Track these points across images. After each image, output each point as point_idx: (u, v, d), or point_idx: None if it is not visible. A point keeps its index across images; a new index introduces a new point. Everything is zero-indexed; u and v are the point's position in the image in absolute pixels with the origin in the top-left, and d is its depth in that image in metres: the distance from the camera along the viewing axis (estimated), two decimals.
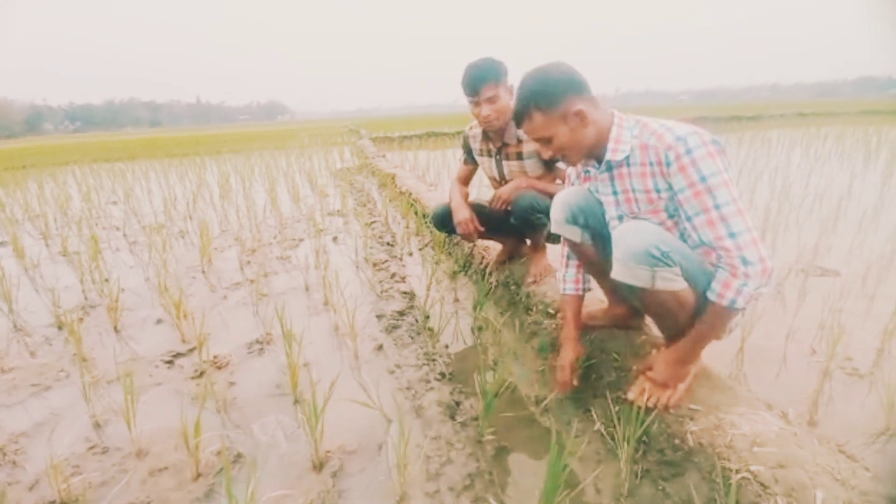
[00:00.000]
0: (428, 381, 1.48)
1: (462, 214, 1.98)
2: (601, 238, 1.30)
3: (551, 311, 1.72)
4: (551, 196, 1.83)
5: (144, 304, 2.30)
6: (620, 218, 1.21)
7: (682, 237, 1.14)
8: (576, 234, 1.30)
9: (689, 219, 1.05)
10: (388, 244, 3.07)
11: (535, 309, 1.79)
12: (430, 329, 1.87)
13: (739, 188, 4.18)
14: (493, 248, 2.39)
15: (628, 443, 1.10)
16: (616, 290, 1.40)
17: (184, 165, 8.88)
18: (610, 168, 1.18)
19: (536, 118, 1.12)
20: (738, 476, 0.94)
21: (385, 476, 1.13)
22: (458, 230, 1.99)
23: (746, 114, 17.20)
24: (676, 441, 1.08)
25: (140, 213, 4.55)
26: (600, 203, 1.28)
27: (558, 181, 1.90)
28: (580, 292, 1.43)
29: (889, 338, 1.72)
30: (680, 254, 1.03)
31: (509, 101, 1.80)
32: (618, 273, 1.05)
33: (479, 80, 1.73)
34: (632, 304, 1.42)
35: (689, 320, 1.09)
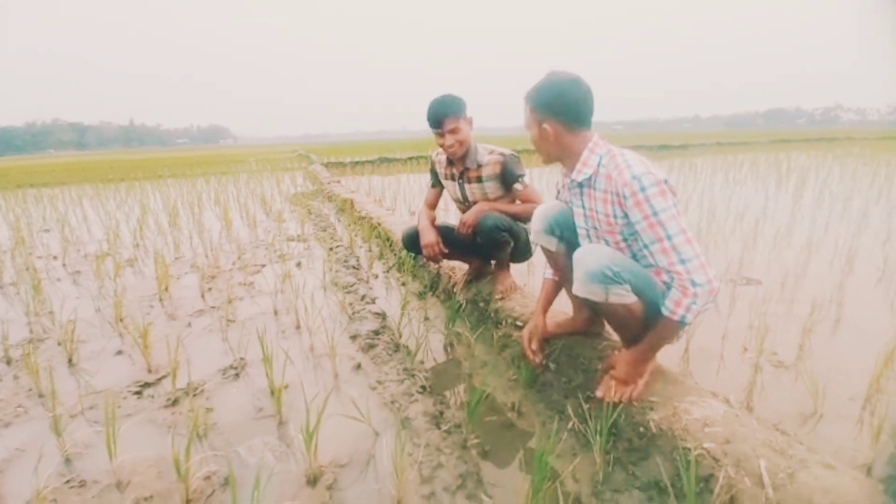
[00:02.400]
0: (411, 395, 1.54)
1: (428, 237, 2.11)
2: (573, 249, 1.46)
3: (519, 324, 1.85)
4: (512, 216, 2.00)
5: (99, 336, 2.20)
6: (587, 231, 1.38)
7: (634, 257, 1.31)
8: (552, 243, 1.47)
9: (645, 246, 1.20)
10: (353, 267, 3.11)
11: (504, 323, 1.91)
12: (406, 347, 1.94)
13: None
14: (460, 268, 2.51)
15: (601, 435, 1.23)
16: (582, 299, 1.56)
17: (121, 191, 8.41)
18: (580, 186, 1.33)
19: (526, 109, 1.31)
20: (695, 453, 1.09)
21: (379, 484, 1.18)
22: (424, 252, 2.12)
23: (674, 143, 18.79)
24: (641, 429, 1.22)
25: (79, 242, 4.29)
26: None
27: (518, 201, 2.07)
28: (555, 277, 1.60)
29: (807, 334, 2.00)
30: (630, 272, 1.20)
31: (469, 132, 1.98)
32: (577, 289, 1.22)
33: (443, 115, 1.91)
34: (593, 311, 1.58)
35: (641, 325, 1.26)
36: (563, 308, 1.76)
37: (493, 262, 2.30)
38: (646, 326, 1.26)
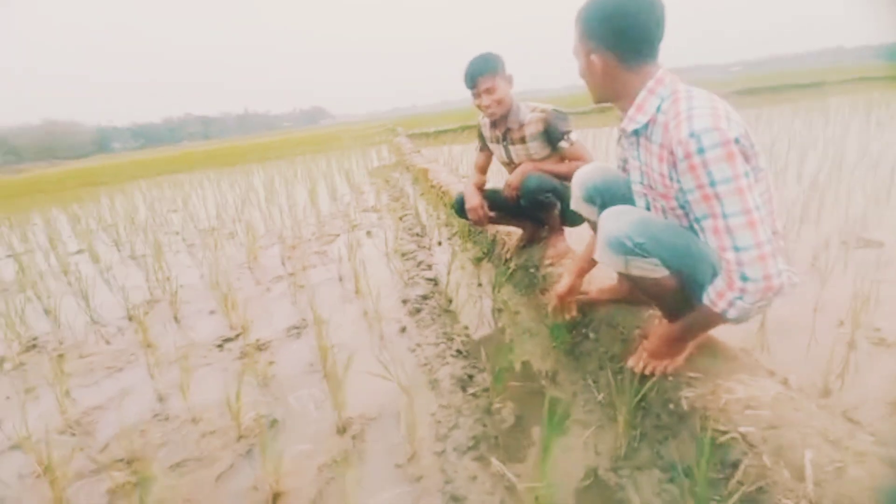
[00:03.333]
0: (443, 358, 1.58)
1: (472, 201, 2.08)
2: None
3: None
4: (558, 176, 1.89)
5: (199, 298, 2.56)
6: (643, 190, 1.17)
7: (693, 229, 1.07)
8: (592, 213, 1.33)
9: (697, 220, 0.98)
10: (417, 235, 3.20)
11: (551, 290, 1.85)
12: (451, 311, 1.97)
13: (774, 177, 3.98)
14: (516, 233, 2.45)
15: (625, 407, 1.15)
16: None
17: (234, 173, 9.47)
18: (636, 133, 1.10)
19: (575, 35, 1.09)
20: (726, 436, 0.98)
21: (400, 439, 1.25)
22: (469, 217, 2.09)
23: (804, 81, 15.93)
24: (671, 406, 1.12)
25: (196, 219, 4.95)
26: (622, 180, 1.28)
27: (566, 161, 1.94)
28: None
29: None
30: (661, 245, 1.02)
31: (507, 91, 1.88)
32: (597, 255, 1.10)
33: (476, 73, 1.84)
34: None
35: (679, 301, 1.11)
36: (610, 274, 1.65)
37: (546, 226, 2.21)
38: (685, 301, 1.12)
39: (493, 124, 2.03)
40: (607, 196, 1.30)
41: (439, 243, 3.07)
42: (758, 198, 0.94)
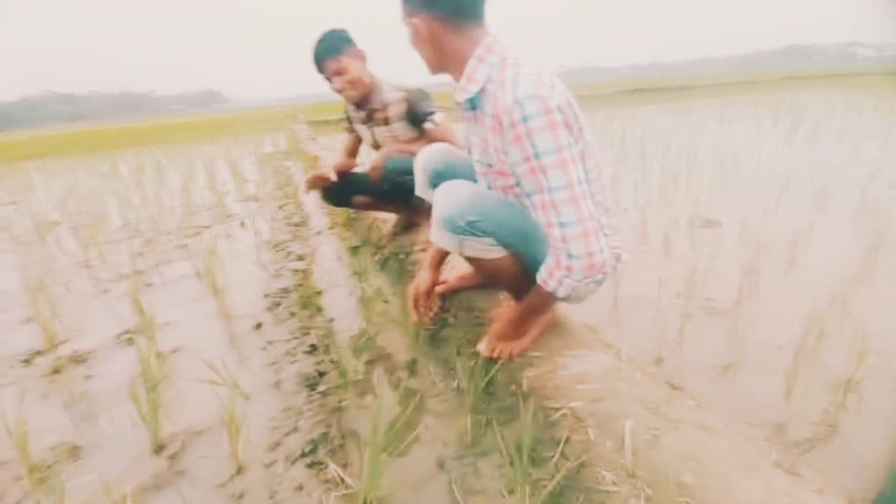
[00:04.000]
0: (293, 355, 1.44)
1: (318, 174, 1.99)
2: None
3: None
4: None
5: (14, 305, 2.11)
6: (483, 168, 1.11)
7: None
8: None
9: (528, 195, 0.95)
10: (295, 225, 2.97)
11: (409, 286, 1.78)
12: (313, 304, 1.82)
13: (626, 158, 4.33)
14: (392, 220, 2.36)
15: (473, 394, 1.11)
16: None
17: (99, 160, 8.24)
18: (470, 108, 1.03)
19: (401, 4, 1.01)
20: (559, 413, 0.98)
21: (228, 451, 1.09)
22: (309, 188, 2.02)
23: (677, 85, 17.93)
24: (513, 387, 1.10)
25: (37, 213, 4.18)
26: (465, 161, 1.22)
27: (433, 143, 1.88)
28: None
29: (749, 277, 1.84)
30: (496, 223, 0.99)
31: (360, 69, 1.76)
32: (432, 236, 1.04)
33: (319, 57, 1.72)
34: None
35: (519, 281, 1.09)
36: None
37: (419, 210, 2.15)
38: (525, 281, 1.09)
39: (358, 105, 1.91)
40: (452, 177, 1.23)
41: (319, 233, 2.88)
42: (582, 172, 0.93)
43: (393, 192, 1.87)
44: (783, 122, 6.58)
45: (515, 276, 1.08)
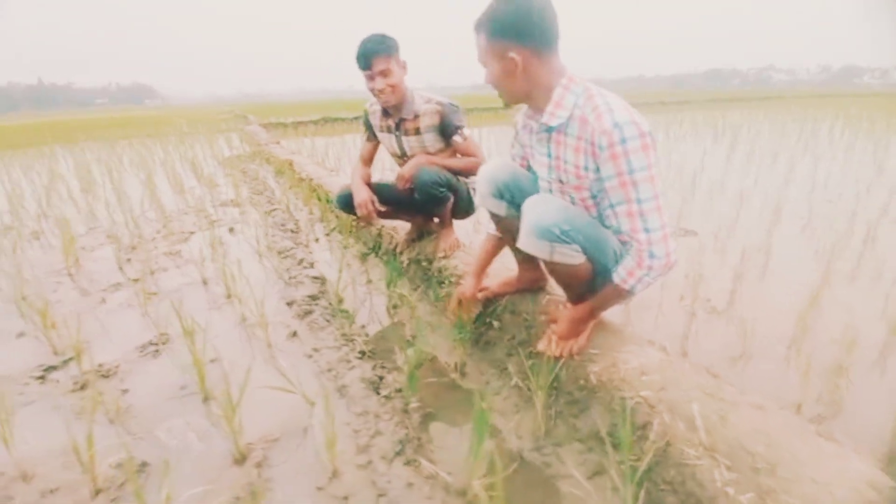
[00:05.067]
0: (348, 361, 1.46)
1: (360, 195, 1.96)
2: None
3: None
4: (451, 170, 1.90)
5: (1, 317, 1.94)
6: (550, 183, 1.24)
7: (601, 218, 1.19)
8: (500, 208, 1.34)
9: (612, 206, 1.08)
10: (291, 231, 2.93)
11: (447, 281, 1.85)
12: (345, 311, 1.84)
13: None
14: (402, 227, 2.40)
15: (542, 390, 1.21)
16: (526, 256, 1.50)
17: (28, 157, 7.50)
18: (549, 130, 1.15)
19: (481, 38, 1.09)
20: (632, 402, 1.10)
21: (313, 458, 1.11)
22: (358, 212, 1.98)
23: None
24: (581, 382, 1.21)
25: None
26: (527, 176, 1.33)
27: (458, 156, 1.96)
28: (495, 233, 1.50)
29: (737, 281, 2.08)
30: (583, 233, 1.11)
31: (402, 76, 1.82)
32: (522, 243, 1.14)
33: (371, 53, 1.74)
34: (540, 269, 1.54)
35: (587, 286, 1.22)
36: (505, 263, 1.72)
37: (435, 219, 2.22)
38: (593, 287, 1.22)
39: (385, 113, 1.95)
40: (516, 191, 1.34)
41: (317, 240, 2.86)
42: (660, 187, 1.08)
43: (418, 202, 1.93)
44: (723, 140, 7.27)
45: (586, 279, 1.19)
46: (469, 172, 1.93)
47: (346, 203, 2.09)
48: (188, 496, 0.98)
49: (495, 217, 1.41)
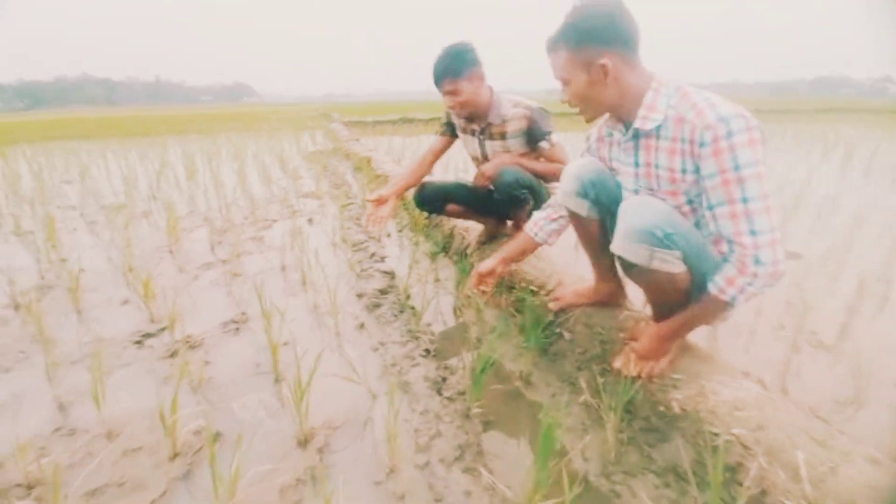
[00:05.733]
0: (413, 358, 1.46)
1: (394, 185, 2.04)
2: (608, 215, 1.30)
3: (533, 288, 1.73)
4: (535, 173, 1.84)
5: (108, 285, 2.18)
6: (636, 191, 1.18)
7: (698, 225, 1.11)
8: (583, 207, 1.28)
9: (710, 207, 0.99)
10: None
11: (517, 286, 1.79)
12: (412, 308, 1.85)
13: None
14: (474, 228, 2.38)
15: (614, 411, 1.12)
16: (604, 266, 1.41)
17: (143, 145, 8.45)
18: (637, 136, 1.10)
19: (561, 53, 1.07)
20: (722, 439, 0.98)
21: (372, 451, 1.11)
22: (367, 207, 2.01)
23: None
24: (661, 408, 1.10)
25: (98, 193, 4.30)
26: (613, 178, 1.26)
27: (542, 159, 1.90)
28: (531, 234, 1.49)
29: (851, 313, 1.82)
30: (685, 239, 1.02)
31: (476, 91, 1.79)
32: (617, 246, 1.05)
33: (439, 76, 1.76)
34: (617, 283, 1.44)
35: (681, 301, 1.11)
36: (580, 273, 1.64)
37: (509, 222, 2.17)
38: (685, 301, 1.11)
39: (471, 117, 1.94)
40: (601, 191, 1.27)
41: (388, 235, 2.92)
42: (768, 187, 0.97)
43: (495, 203, 1.89)
44: (833, 154, 6.48)
45: (683, 293, 1.09)
46: (552, 178, 1.86)
47: (421, 200, 2.11)
48: (255, 473, 1.02)
49: (576, 217, 1.34)
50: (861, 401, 1.34)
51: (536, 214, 1.51)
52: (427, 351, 1.51)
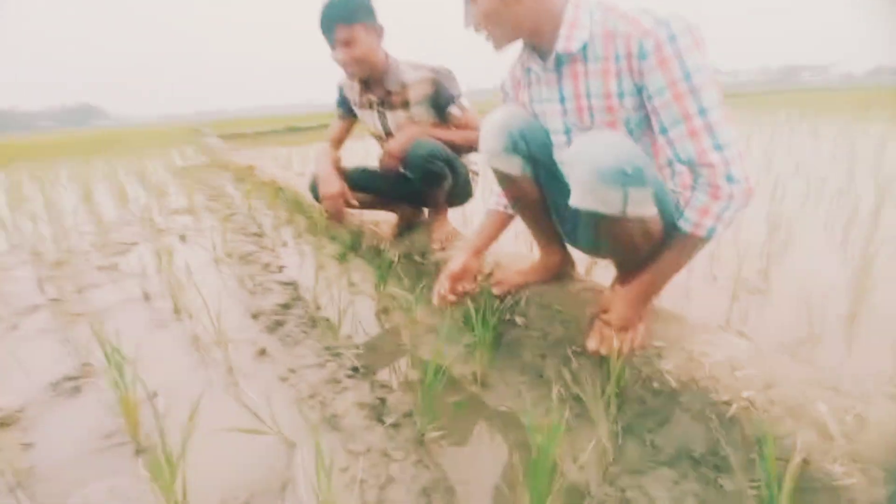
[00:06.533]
0: (337, 381, 1.12)
1: (329, 187, 1.60)
2: (544, 170, 1.09)
3: None
4: (451, 145, 1.59)
5: None
6: (567, 132, 1.00)
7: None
8: (515, 165, 1.06)
9: (664, 130, 0.85)
10: (255, 235, 2.55)
11: (441, 273, 1.54)
12: (326, 319, 1.49)
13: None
14: (385, 221, 2.08)
15: (600, 400, 0.91)
16: (548, 233, 1.21)
17: None
18: (559, 65, 0.94)
19: None
20: (735, 406, 0.81)
21: None
22: (324, 206, 1.62)
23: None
24: (654, 385, 0.92)
25: None
26: (540, 125, 1.06)
27: (452, 128, 1.65)
28: (500, 207, 1.26)
29: (772, 257, 1.86)
30: (651, 172, 0.85)
31: (373, 46, 1.50)
32: (581, 198, 0.83)
33: (331, 21, 1.42)
34: (564, 252, 1.25)
35: (651, 252, 0.94)
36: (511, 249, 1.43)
37: (424, 208, 1.91)
38: (654, 251, 0.94)
39: (366, 85, 1.63)
40: (533, 143, 1.06)
41: (285, 244, 2.49)
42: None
43: (407, 186, 1.61)
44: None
45: (654, 239, 0.91)
46: (469, 148, 1.62)
47: (317, 194, 1.74)
48: None
49: (507, 179, 1.11)
50: (815, 338, 1.31)
51: (495, 188, 1.28)
52: (354, 369, 1.18)
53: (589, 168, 0.80)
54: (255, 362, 1.28)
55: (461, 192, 1.78)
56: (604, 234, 0.92)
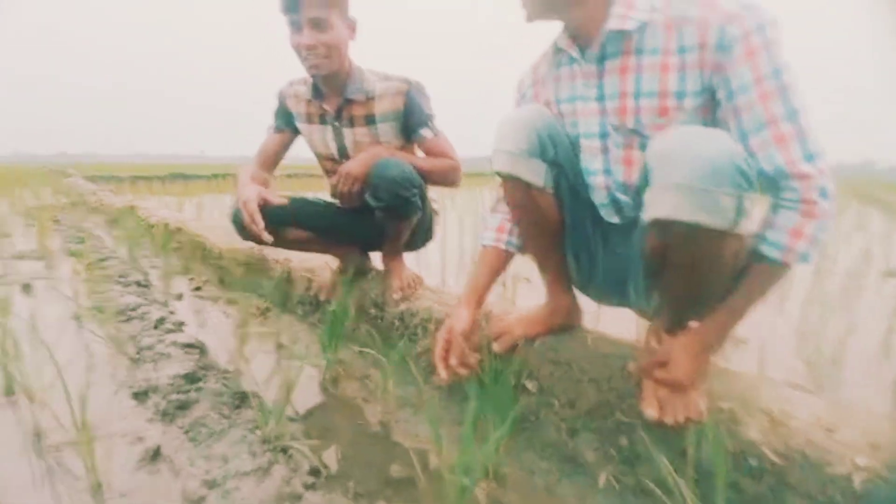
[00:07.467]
0: (297, 497, 0.73)
1: (246, 192, 1.24)
2: (567, 186, 0.89)
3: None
4: (422, 173, 1.34)
5: None
6: (604, 136, 0.83)
7: None
8: (540, 173, 0.86)
9: (744, 136, 0.70)
10: (137, 285, 1.98)
11: (421, 332, 1.24)
12: (257, 396, 1.07)
13: None
14: (322, 267, 1.72)
15: (684, 489, 0.67)
16: (558, 270, 1.00)
17: None
18: (604, 56, 0.78)
19: None
20: (858, 479, 0.63)
21: None
22: (243, 212, 1.22)
23: None
24: (752, 463, 0.70)
25: None
26: (565, 132, 0.89)
27: (422, 156, 1.41)
28: (500, 244, 1.02)
29: None
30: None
31: (346, 40, 1.27)
32: (677, 206, 0.62)
33: None
34: (572, 295, 1.04)
35: (723, 284, 0.76)
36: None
37: (376, 251, 1.60)
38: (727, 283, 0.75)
39: (317, 92, 1.34)
40: (560, 148, 0.88)
41: (179, 297, 1.96)
42: None
43: (368, 222, 1.32)
44: None
45: (733, 265, 0.72)
46: (441, 179, 1.38)
47: (241, 225, 1.34)
48: None
49: (523, 194, 0.89)
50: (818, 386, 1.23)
51: (489, 220, 1.05)
52: (313, 473, 0.80)
53: (693, 165, 0.61)
54: (144, 473, 0.82)
55: (424, 233, 1.52)
56: (679, 262, 0.71)
